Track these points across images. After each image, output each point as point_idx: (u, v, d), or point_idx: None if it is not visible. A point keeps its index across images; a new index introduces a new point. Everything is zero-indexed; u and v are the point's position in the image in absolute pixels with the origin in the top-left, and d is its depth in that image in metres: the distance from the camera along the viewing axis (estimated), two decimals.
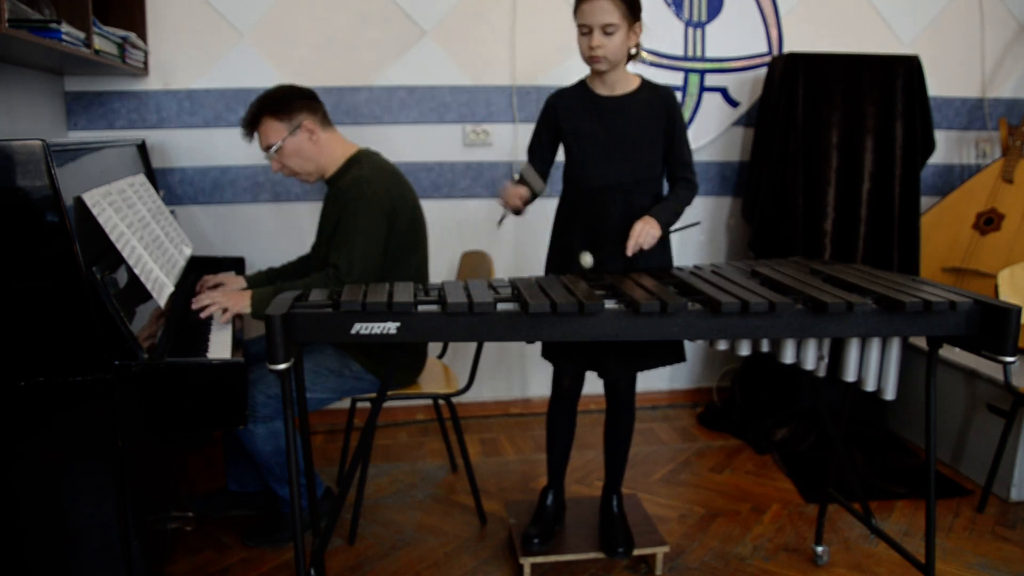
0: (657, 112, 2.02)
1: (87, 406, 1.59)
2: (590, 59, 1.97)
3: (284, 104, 2.20)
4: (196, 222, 2.99)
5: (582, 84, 2.09)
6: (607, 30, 1.91)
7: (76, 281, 1.54)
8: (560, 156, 2.15)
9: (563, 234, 2.12)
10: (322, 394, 2.23)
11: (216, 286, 2.27)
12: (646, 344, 2.04)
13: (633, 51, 2.03)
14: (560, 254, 2.12)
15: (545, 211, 2.31)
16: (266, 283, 2.35)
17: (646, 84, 2.06)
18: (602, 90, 2.05)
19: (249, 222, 3.04)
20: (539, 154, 2.12)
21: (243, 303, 2.06)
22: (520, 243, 3.20)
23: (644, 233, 1.91)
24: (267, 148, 2.21)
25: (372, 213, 2.12)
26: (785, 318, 1.58)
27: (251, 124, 2.22)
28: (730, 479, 2.78)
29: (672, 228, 2.06)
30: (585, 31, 1.94)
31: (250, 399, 2.06)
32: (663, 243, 2.10)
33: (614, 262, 2.02)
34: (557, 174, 2.14)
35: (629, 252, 1.92)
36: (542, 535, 2.14)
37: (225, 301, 2.06)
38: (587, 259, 1.99)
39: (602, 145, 2.03)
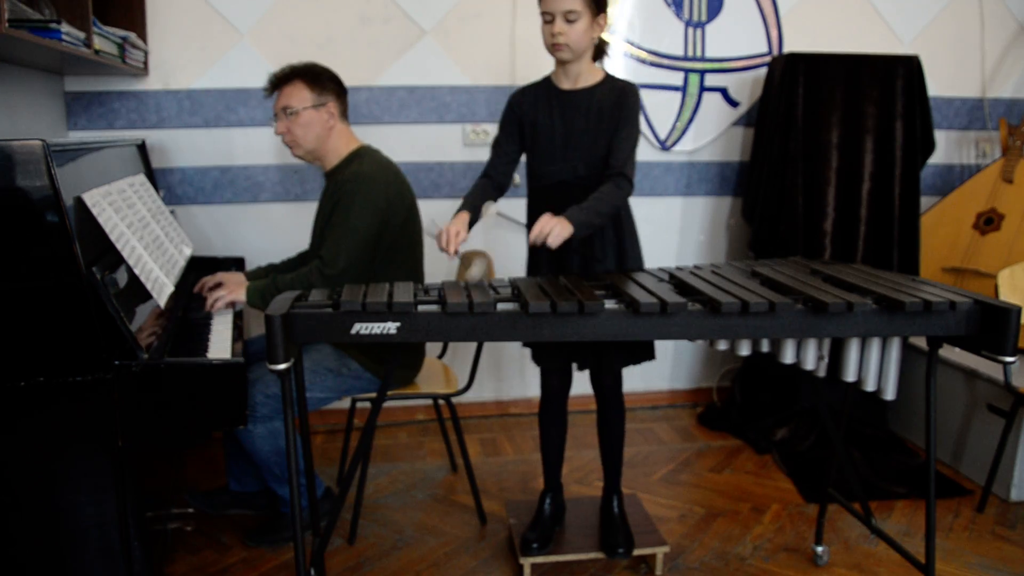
0: (613, 105, 2.00)
1: (87, 406, 1.59)
2: (552, 47, 1.97)
3: (321, 79, 2.23)
4: (196, 222, 2.99)
5: (546, 80, 2.09)
6: (569, 17, 1.91)
7: (76, 281, 1.54)
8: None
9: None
10: (321, 393, 2.23)
11: (217, 285, 2.27)
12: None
13: (596, 40, 2.02)
14: (534, 252, 2.10)
15: None
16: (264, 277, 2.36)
17: (609, 79, 2.05)
18: (565, 84, 2.05)
19: (249, 222, 3.04)
20: (503, 152, 2.11)
21: (239, 292, 2.15)
22: (519, 243, 3.20)
23: (549, 227, 1.80)
24: (284, 108, 2.22)
25: (366, 211, 2.13)
26: (785, 318, 1.58)
27: (281, 80, 2.24)
28: (730, 479, 2.78)
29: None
30: (548, 19, 1.94)
31: (250, 399, 2.06)
32: (632, 240, 2.08)
33: (575, 261, 2.01)
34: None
35: (530, 241, 1.83)
36: (540, 539, 2.14)
37: (222, 289, 2.17)
38: (491, 208, 1.94)
39: (559, 140, 2.03)
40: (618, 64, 3.16)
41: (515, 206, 2.29)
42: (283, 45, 2.93)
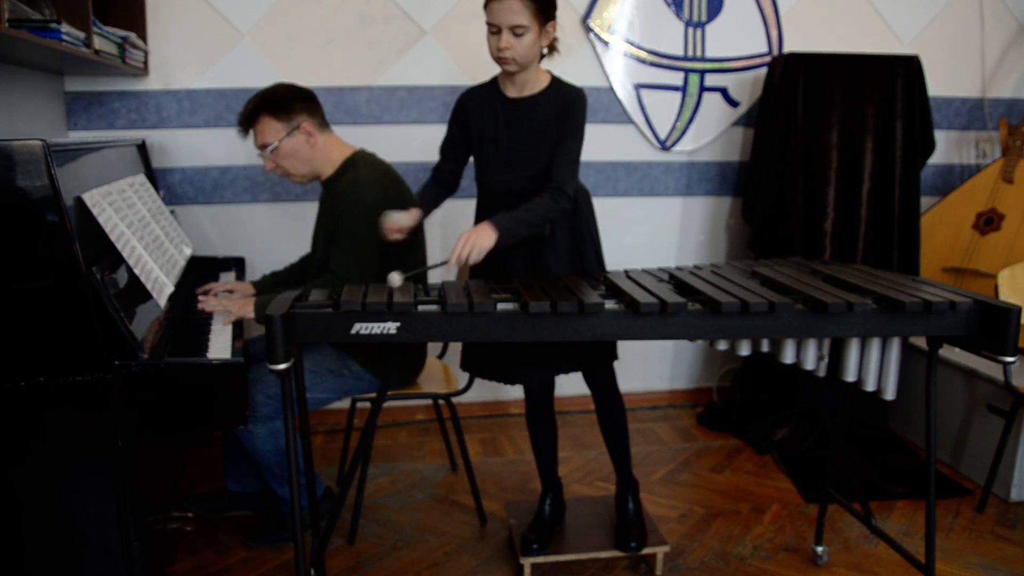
0: (557, 116, 1.93)
1: (87, 406, 1.59)
2: (498, 60, 1.91)
3: (284, 104, 2.18)
4: (196, 222, 2.99)
5: (493, 83, 2.04)
6: (516, 31, 1.85)
7: (76, 281, 1.54)
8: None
9: None
10: (322, 394, 2.22)
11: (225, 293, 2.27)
12: (563, 348, 2.00)
13: (546, 51, 1.96)
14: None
15: None
16: (271, 288, 2.35)
17: (555, 84, 1.99)
18: (511, 91, 1.99)
19: (249, 222, 3.04)
20: (451, 152, 2.11)
21: (247, 308, 2.10)
22: None
23: (469, 245, 1.74)
24: (262, 147, 2.19)
25: (371, 220, 2.12)
26: (785, 318, 1.58)
27: (248, 121, 2.20)
28: (730, 479, 2.78)
29: (415, 271, 1.87)
30: (494, 31, 1.88)
31: (250, 399, 2.06)
32: (592, 241, 2.06)
33: (519, 266, 1.98)
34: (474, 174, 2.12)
35: (450, 265, 1.76)
36: (540, 539, 2.14)
37: (230, 305, 2.11)
38: (395, 279, 1.69)
39: (503, 149, 1.99)
40: (618, 64, 3.16)
41: (467, 207, 2.26)
42: (283, 45, 2.93)
